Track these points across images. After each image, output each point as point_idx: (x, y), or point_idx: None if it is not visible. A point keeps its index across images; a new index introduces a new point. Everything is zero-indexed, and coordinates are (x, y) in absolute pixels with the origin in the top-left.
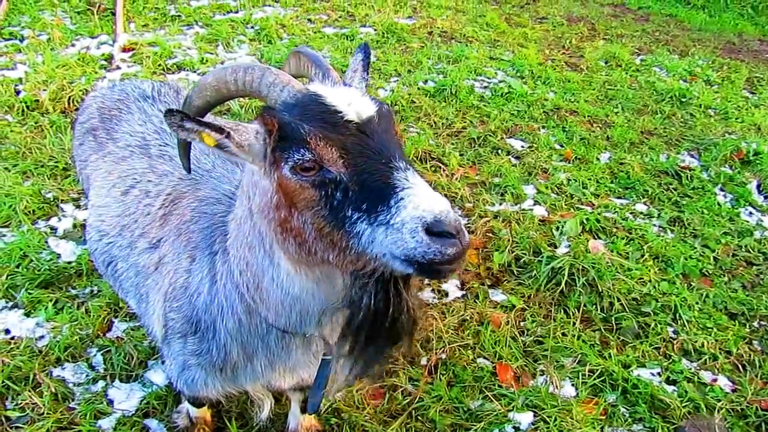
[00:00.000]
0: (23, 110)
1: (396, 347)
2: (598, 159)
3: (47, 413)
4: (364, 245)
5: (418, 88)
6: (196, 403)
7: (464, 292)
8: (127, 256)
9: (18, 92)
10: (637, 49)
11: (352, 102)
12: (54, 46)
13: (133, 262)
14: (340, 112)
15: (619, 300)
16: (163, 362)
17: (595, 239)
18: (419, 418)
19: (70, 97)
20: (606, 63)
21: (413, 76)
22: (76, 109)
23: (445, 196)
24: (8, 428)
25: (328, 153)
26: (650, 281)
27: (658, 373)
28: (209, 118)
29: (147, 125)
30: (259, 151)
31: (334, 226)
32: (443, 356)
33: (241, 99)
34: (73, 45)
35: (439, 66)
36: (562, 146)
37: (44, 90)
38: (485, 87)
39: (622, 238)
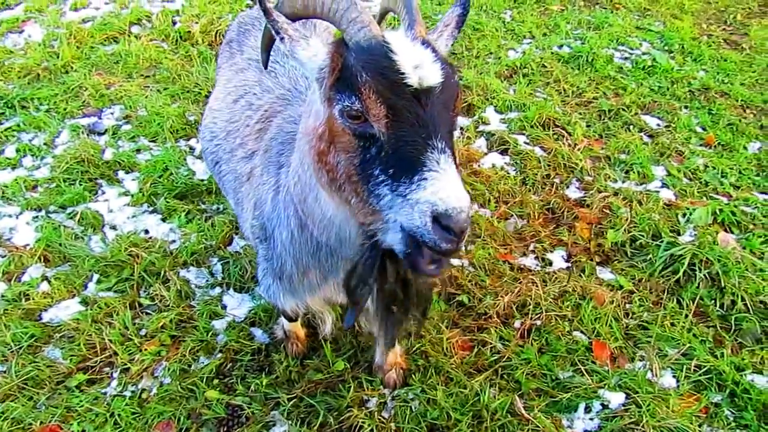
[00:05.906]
0: (177, 40)
1: (402, 318)
2: (745, 148)
3: (172, 306)
4: (381, 207)
5: (552, 53)
6: (287, 316)
7: (569, 265)
8: (229, 160)
9: (174, 23)
10: None
11: (421, 65)
12: None
13: (232, 168)
14: (402, 73)
15: (743, 300)
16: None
17: (727, 232)
18: (505, 377)
19: (217, 31)
20: None
21: (548, 39)
22: (221, 43)
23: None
24: (140, 313)
25: (376, 108)
26: None
27: None
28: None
29: None
30: (319, 80)
31: (361, 178)
32: (538, 322)
33: None
34: None
35: (578, 32)
36: (704, 129)
37: (196, 23)
38: (626, 58)
39: (760, 236)
